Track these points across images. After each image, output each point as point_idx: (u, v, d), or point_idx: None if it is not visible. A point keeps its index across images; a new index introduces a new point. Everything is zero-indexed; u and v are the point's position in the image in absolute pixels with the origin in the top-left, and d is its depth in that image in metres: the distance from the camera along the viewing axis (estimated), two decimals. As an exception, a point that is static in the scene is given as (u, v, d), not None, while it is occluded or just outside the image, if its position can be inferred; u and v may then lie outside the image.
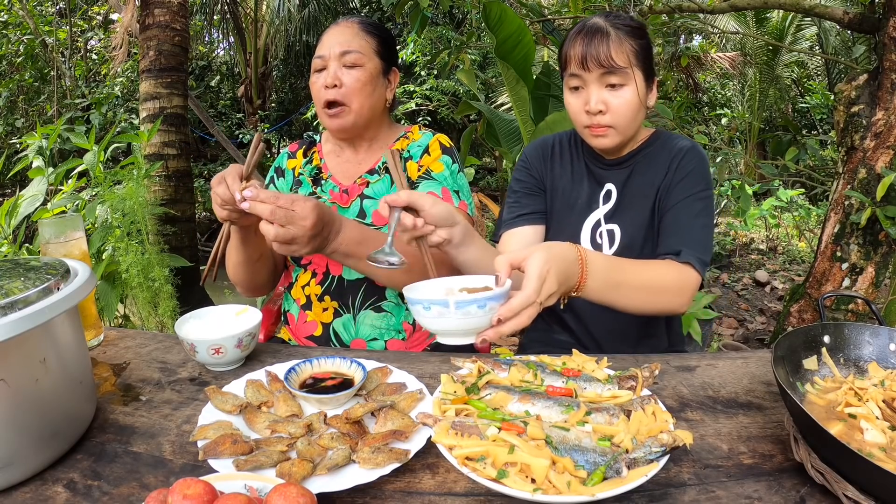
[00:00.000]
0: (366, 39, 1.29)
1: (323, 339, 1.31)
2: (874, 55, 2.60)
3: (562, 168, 1.34)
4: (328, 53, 1.27)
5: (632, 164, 1.27)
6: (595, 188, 1.29)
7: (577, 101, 1.20)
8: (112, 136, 2.70)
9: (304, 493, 0.58)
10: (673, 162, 1.22)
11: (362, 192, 1.31)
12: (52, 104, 6.67)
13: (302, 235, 0.97)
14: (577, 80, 1.18)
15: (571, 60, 1.17)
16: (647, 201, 1.23)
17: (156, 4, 3.84)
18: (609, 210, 1.27)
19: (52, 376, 0.73)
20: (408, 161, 1.33)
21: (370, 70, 1.28)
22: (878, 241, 2.52)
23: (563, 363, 0.89)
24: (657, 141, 1.28)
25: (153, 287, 2.50)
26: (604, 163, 1.29)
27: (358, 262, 1.11)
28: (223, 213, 1.05)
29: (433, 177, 1.31)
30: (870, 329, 0.87)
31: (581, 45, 1.15)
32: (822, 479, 0.66)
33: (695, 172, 1.20)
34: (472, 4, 3.72)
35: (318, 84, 1.28)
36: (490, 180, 8.59)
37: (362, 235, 1.09)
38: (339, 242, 1.06)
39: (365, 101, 1.28)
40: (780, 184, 4.87)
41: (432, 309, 0.80)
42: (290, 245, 0.99)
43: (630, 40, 1.15)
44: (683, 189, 1.19)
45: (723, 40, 8.40)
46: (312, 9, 9.61)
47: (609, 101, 1.16)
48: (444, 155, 1.33)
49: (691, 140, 1.27)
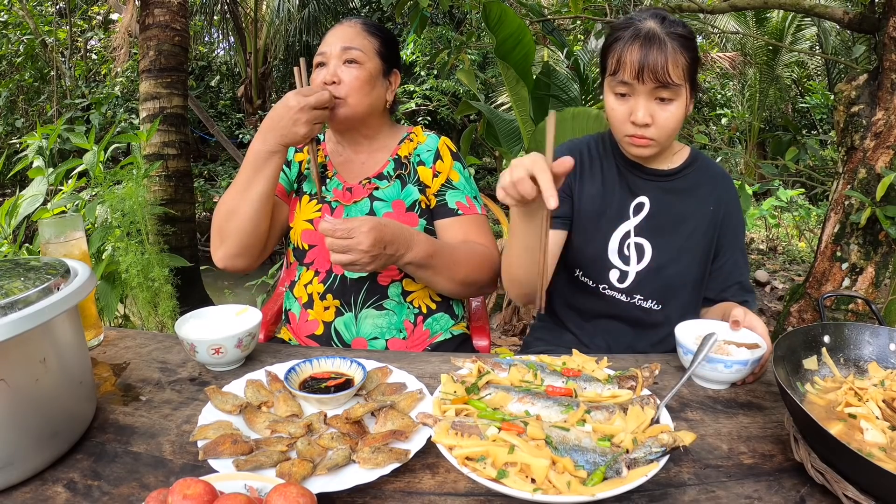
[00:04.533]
0: (368, 39, 1.30)
1: (324, 338, 1.31)
2: (874, 55, 2.60)
3: (591, 174, 1.29)
4: (329, 51, 1.27)
5: (672, 181, 1.25)
6: (626, 197, 1.25)
7: (622, 109, 1.15)
8: (112, 136, 2.70)
9: (304, 493, 0.58)
10: (722, 203, 1.25)
11: (372, 194, 1.32)
12: (52, 104, 6.67)
13: (360, 259, 1.05)
14: (625, 87, 1.13)
15: (625, 67, 1.11)
16: (686, 230, 1.23)
17: (156, 4, 3.84)
18: (640, 223, 1.24)
19: (52, 376, 0.73)
20: (419, 166, 1.34)
21: (370, 69, 1.28)
22: (878, 241, 2.52)
23: (563, 363, 0.89)
24: (695, 163, 1.27)
25: (153, 287, 2.50)
26: (640, 171, 1.26)
27: (432, 275, 1.20)
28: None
29: (455, 186, 1.34)
30: (870, 329, 0.87)
31: (638, 53, 1.09)
32: (822, 479, 0.66)
33: (741, 218, 1.28)
34: (472, 4, 3.72)
35: (317, 80, 1.28)
36: (490, 180, 8.58)
37: (433, 248, 1.18)
38: (414, 256, 1.14)
39: (363, 99, 1.28)
40: (780, 184, 4.87)
41: (718, 365, 0.92)
42: (353, 266, 1.08)
43: (685, 53, 1.11)
44: (735, 237, 1.26)
45: (723, 40, 8.39)
46: (312, 9, 9.60)
47: (657, 114, 1.13)
48: (455, 161, 1.37)
49: (724, 170, 1.32)
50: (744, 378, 0.95)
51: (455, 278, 1.23)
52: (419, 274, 1.20)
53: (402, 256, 1.12)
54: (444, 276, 1.21)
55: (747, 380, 0.97)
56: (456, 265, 1.22)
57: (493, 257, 1.30)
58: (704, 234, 1.23)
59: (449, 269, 1.21)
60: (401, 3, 3.35)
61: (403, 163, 1.35)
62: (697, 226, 1.23)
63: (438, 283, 1.24)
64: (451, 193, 1.33)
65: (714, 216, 1.24)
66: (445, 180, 1.34)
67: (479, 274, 1.26)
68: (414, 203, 1.32)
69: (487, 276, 1.28)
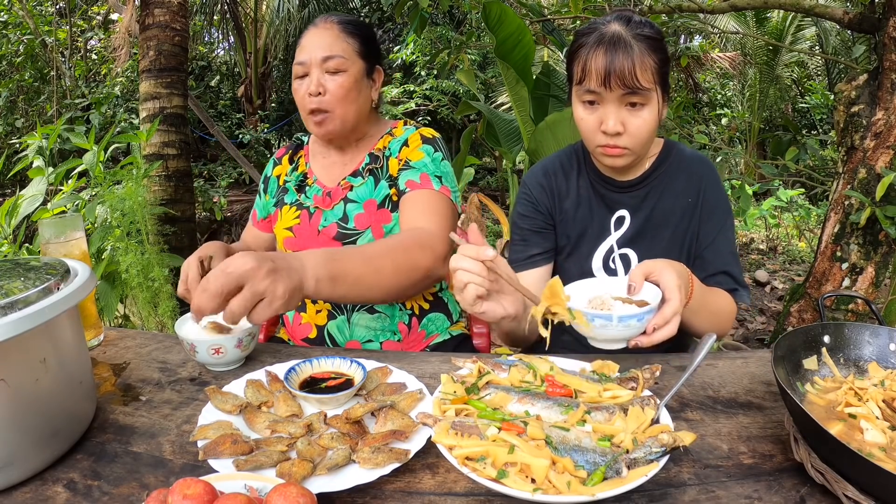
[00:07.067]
0: (347, 42, 1.25)
1: (318, 341, 1.30)
2: (874, 55, 2.60)
3: (567, 194, 1.25)
4: (309, 59, 1.23)
5: (646, 187, 1.21)
6: (606, 214, 1.22)
7: (591, 119, 1.10)
8: (112, 136, 2.70)
9: (304, 493, 0.58)
10: (698, 189, 1.19)
11: (346, 196, 1.29)
12: (52, 104, 6.66)
13: (254, 277, 0.78)
14: (593, 95, 1.08)
15: (591, 75, 1.06)
16: (668, 228, 1.19)
17: (156, 4, 3.83)
18: (622, 236, 1.21)
19: (52, 376, 0.73)
20: (389, 159, 1.30)
21: (354, 74, 1.24)
22: (878, 241, 2.52)
23: (549, 368, 0.89)
24: (669, 157, 1.21)
25: (153, 287, 2.50)
26: (614, 186, 1.22)
27: (350, 288, 0.96)
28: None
29: (411, 165, 1.25)
30: (870, 329, 0.87)
31: (604, 58, 1.04)
32: (822, 479, 0.66)
33: (721, 200, 1.20)
34: (472, 4, 3.72)
35: (300, 91, 1.24)
36: (490, 180, 8.58)
37: (329, 254, 0.95)
38: (313, 268, 0.89)
39: (350, 107, 1.25)
40: (780, 184, 4.87)
41: (596, 321, 0.87)
42: (263, 300, 0.80)
43: (653, 55, 1.06)
44: (717, 222, 1.19)
45: (723, 40, 8.39)
46: (312, 9, 9.60)
47: (628, 121, 1.08)
48: (425, 144, 1.28)
49: (702, 155, 1.25)
50: (635, 336, 0.89)
51: (381, 280, 1.01)
52: (340, 291, 0.95)
53: (303, 276, 0.87)
54: (367, 281, 0.99)
55: (641, 341, 0.89)
56: (373, 261, 1.00)
57: (424, 239, 1.10)
58: (687, 229, 1.20)
59: (371, 271, 0.99)
60: (401, 3, 3.35)
61: (377, 156, 1.31)
62: (679, 222, 1.19)
63: (369, 293, 1.02)
64: (403, 174, 1.25)
65: (694, 207, 1.19)
66: (403, 163, 1.26)
67: (409, 264, 1.04)
68: (385, 199, 1.27)
69: (424, 264, 1.07)
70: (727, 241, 1.20)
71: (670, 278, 0.90)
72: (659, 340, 0.89)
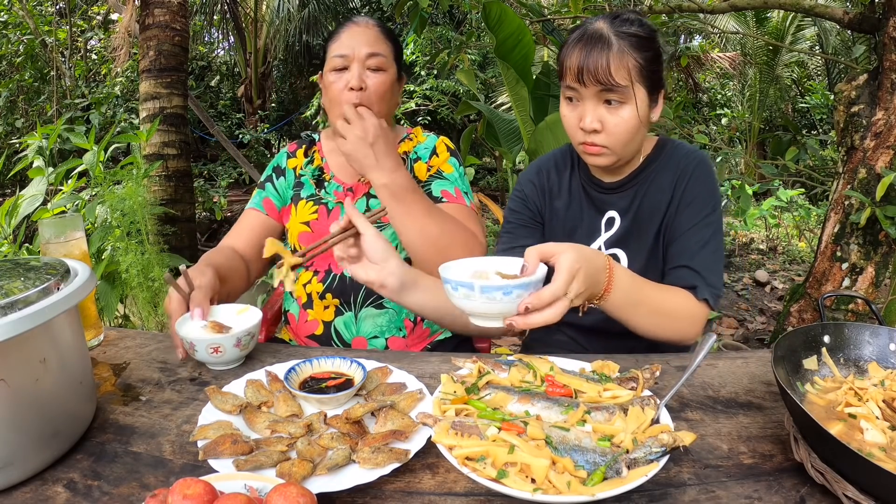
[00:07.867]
0: (387, 44, 1.27)
1: (324, 337, 1.31)
2: (874, 55, 2.60)
3: (559, 192, 1.26)
4: (352, 53, 1.23)
5: (634, 188, 1.20)
6: (595, 216, 1.22)
7: (572, 115, 1.12)
8: (112, 136, 2.70)
9: (304, 493, 0.58)
10: (679, 183, 1.15)
11: (368, 192, 1.32)
12: (52, 104, 6.66)
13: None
14: (572, 91, 1.10)
15: (568, 71, 1.08)
16: (653, 228, 1.17)
17: (156, 4, 3.84)
18: (612, 236, 1.21)
19: (52, 376, 0.73)
20: (416, 162, 1.35)
21: (392, 75, 1.27)
22: (878, 241, 2.52)
23: (550, 368, 0.89)
24: (661, 156, 1.20)
25: (153, 287, 2.49)
26: (603, 187, 1.21)
27: (406, 213, 1.12)
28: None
29: (445, 176, 1.32)
30: (870, 329, 0.87)
31: (579, 55, 1.05)
32: (822, 479, 0.66)
33: (702, 195, 1.14)
34: (472, 4, 3.72)
35: (338, 84, 1.23)
36: (490, 180, 8.58)
37: (408, 180, 1.13)
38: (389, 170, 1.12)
39: (384, 107, 1.26)
40: (780, 184, 4.87)
41: (459, 290, 0.81)
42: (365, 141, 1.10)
43: (633, 53, 1.05)
44: (691, 216, 1.13)
45: (723, 40, 8.40)
46: (312, 9, 9.60)
47: (606, 119, 1.07)
48: (452, 157, 1.36)
49: (698, 151, 1.20)
50: (508, 314, 0.81)
51: (427, 229, 1.12)
52: (399, 210, 1.11)
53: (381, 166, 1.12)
54: (419, 221, 1.12)
55: (515, 321, 0.81)
56: (431, 215, 1.13)
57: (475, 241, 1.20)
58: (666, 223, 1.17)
59: (425, 214, 1.13)
60: (401, 3, 3.35)
61: (402, 159, 1.34)
62: (662, 218, 1.18)
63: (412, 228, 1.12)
64: (437, 183, 1.31)
65: (670, 201, 1.16)
66: (436, 171, 1.33)
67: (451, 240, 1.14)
68: None
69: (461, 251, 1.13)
70: (700, 236, 1.13)
71: (565, 261, 0.82)
72: (536, 324, 0.80)
